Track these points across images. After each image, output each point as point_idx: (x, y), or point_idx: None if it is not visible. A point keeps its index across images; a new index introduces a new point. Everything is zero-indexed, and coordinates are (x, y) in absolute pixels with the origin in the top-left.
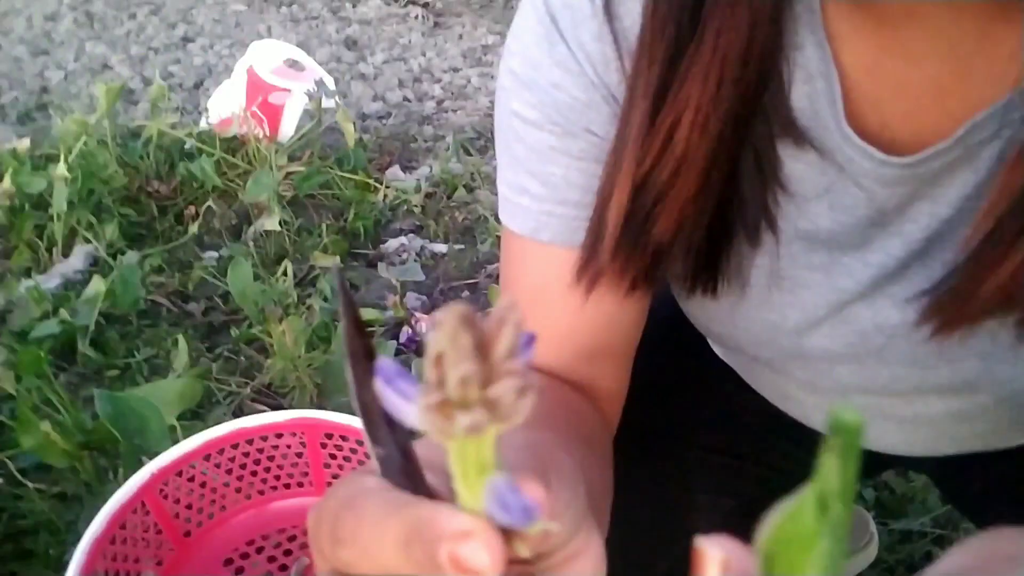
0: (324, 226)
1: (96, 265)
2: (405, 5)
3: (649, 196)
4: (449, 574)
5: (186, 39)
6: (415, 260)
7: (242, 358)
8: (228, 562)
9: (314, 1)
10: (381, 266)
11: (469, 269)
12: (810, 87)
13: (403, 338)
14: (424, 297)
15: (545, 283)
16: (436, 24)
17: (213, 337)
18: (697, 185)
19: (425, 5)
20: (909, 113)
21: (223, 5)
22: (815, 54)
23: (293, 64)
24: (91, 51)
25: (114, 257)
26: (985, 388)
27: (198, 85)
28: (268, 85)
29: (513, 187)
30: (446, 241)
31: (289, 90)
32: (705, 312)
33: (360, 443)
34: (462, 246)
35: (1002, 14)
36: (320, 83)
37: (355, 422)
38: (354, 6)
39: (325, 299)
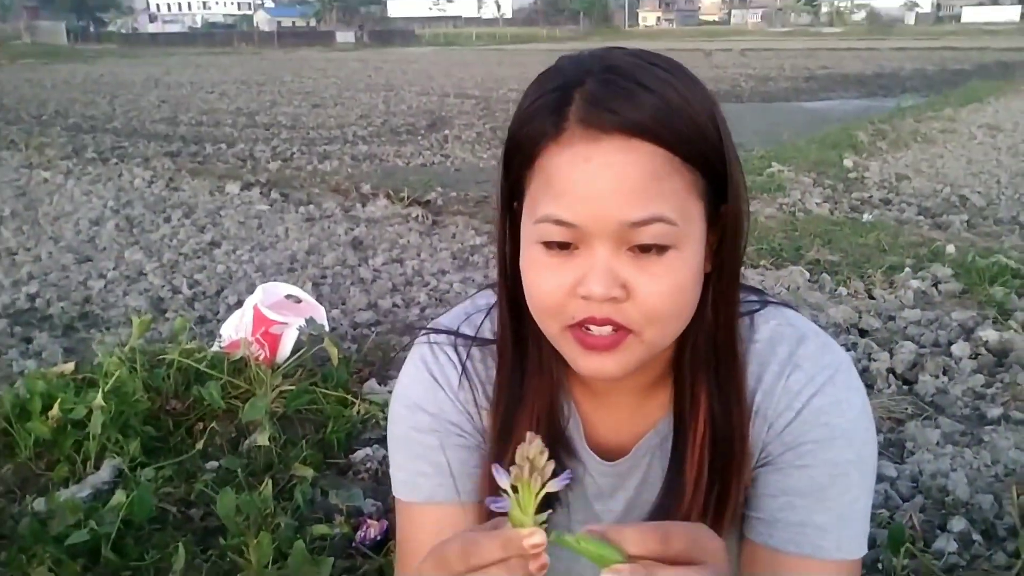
0: (304, 439)
1: (121, 476)
2: (408, 204)
3: None
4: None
5: (213, 243)
6: (378, 467)
7: (227, 561)
8: None
9: (329, 201)
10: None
11: None
12: (573, 423)
13: (358, 539)
14: (379, 503)
15: (438, 526)
16: (434, 223)
17: (208, 540)
18: None
19: (426, 204)
20: (612, 437)
21: (248, 206)
22: (568, 409)
23: (291, 298)
24: (129, 258)
25: (134, 470)
26: None
27: (219, 291)
28: (269, 320)
29: (411, 472)
30: None
31: (287, 323)
32: None
33: None
34: None
35: (655, 386)
36: (311, 320)
37: None
38: (363, 206)
39: (298, 508)
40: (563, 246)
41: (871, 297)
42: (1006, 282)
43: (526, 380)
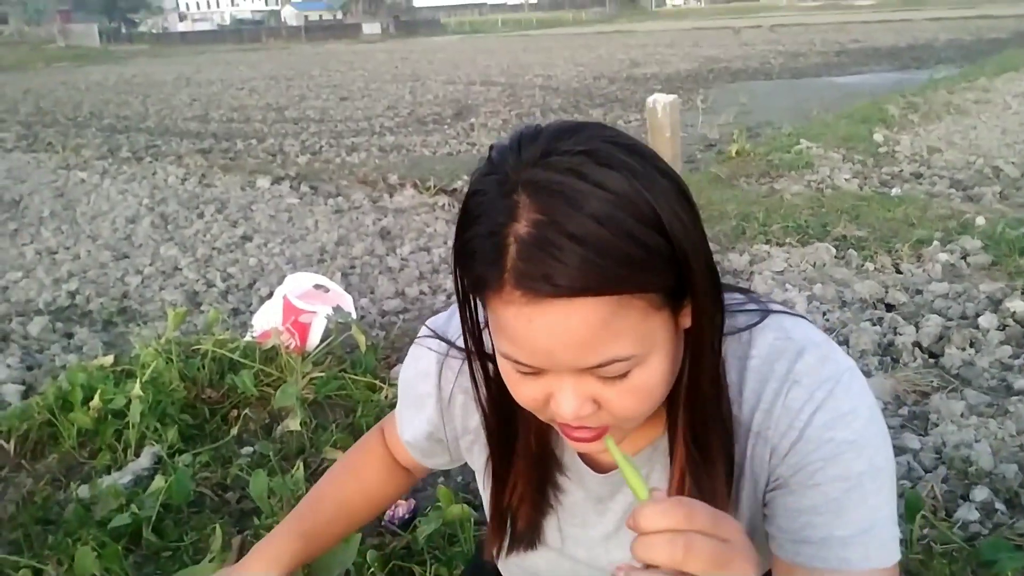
0: (334, 424)
1: (160, 463)
2: (435, 194)
3: (507, 506)
4: None
5: (245, 237)
6: None
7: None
8: None
9: (357, 192)
10: None
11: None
12: (563, 443)
13: (387, 517)
14: None
15: (400, 447)
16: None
17: (243, 521)
18: (530, 506)
19: (452, 192)
20: (604, 456)
21: (279, 199)
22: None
23: (320, 287)
24: (164, 253)
25: (173, 456)
26: None
27: (252, 284)
28: (298, 309)
29: (404, 411)
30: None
31: (315, 312)
32: (522, 561)
33: None
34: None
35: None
36: (338, 308)
37: None
38: (391, 196)
39: None
40: (529, 372)
41: (898, 271)
42: None
43: (517, 415)
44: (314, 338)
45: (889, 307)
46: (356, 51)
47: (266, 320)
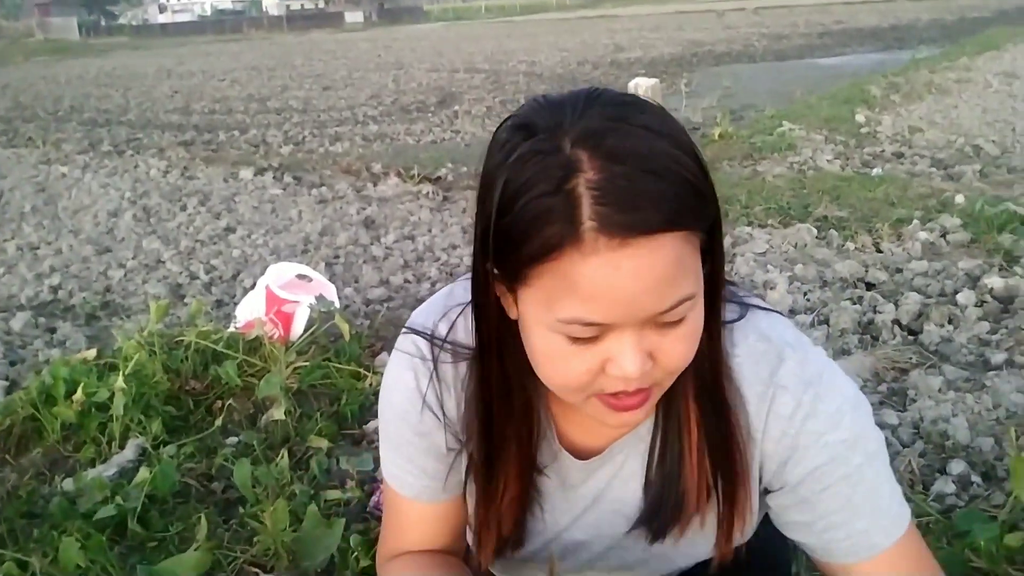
0: (319, 412)
1: (144, 455)
2: (419, 182)
3: (496, 511)
4: None
5: (228, 229)
6: None
7: (247, 529)
8: None
9: (341, 182)
10: (369, 456)
11: None
12: (546, 428)
13: (372, 504)
14: None
15: (421, 519)
16: (445, 199)
17: (229, 510)
18: (518, 506)
19: (436, 180)
20: (587, 438)
21: (262, 190)
22: (542, 415)
23: (303, 277)
24: (147, 247)
25: (157, 448)
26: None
27: (235, 275)
28: (281, 299)
29: (398, 469)
30: None
31: (298, 301)
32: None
33: None
34: None
35: None
36: (321, 297)
37: None
38: (375, 185)
39: (314, 478)
40: (589, 336)
41: (878, 251)
42: (1014, 229)
43: (505, 406)
44: (298, 327)
45: (869, 286)
46: (339, 40)
47: (249, 311)
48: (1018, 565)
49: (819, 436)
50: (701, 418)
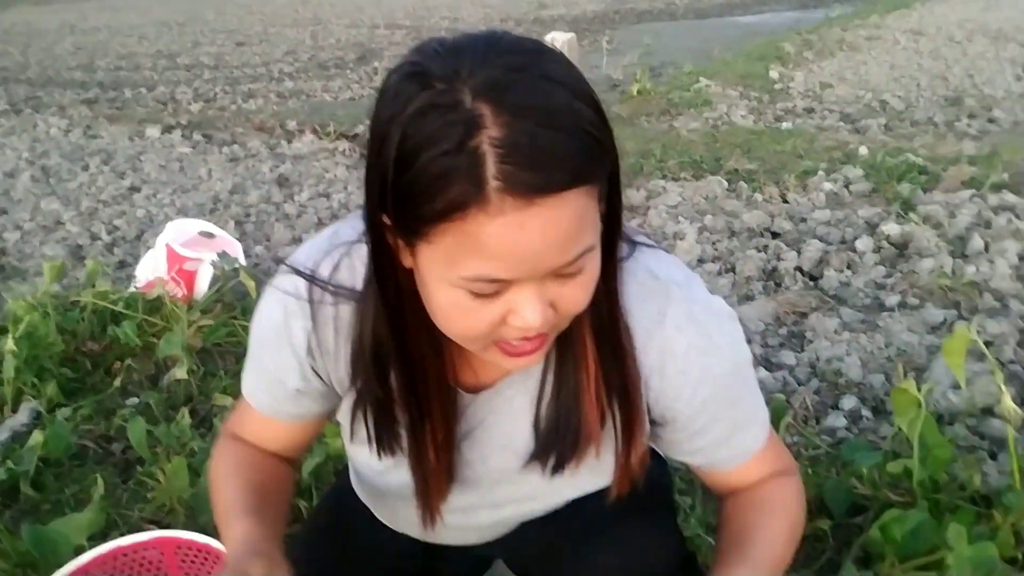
0: (224, 371)
1: (39, 418)
2: (335, 139)
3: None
4: None
5: (133, 188)
6: None
7: (146, 488)
8: None
9: (254, 140)
10: None
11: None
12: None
13: None
14: None
15: (264, 427)
16: (362, 155)
17: (128, 471)
18: (446, 447)
19: (353, 138)
20: (479, 374)
21: (170, 149)
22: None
23: (206, 235)
24: (46, 208)
25: (53, 411)
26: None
27: (139, 236)
28: (182, 256)
29: (256, 383)
30: None
31: (201, 259)
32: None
33: (200, 552)
34: None
35: None
36: (223, 254)
37: (197, 538)
38: (289, 143)
39: (213, 436)
40: (492, 292)
41: (785, 201)
42: (913, 179)
43: (417, 351)
44: (201, 286)
45: (775, 235)
46: None
47: (150, 270)
48: (899, 490)
49: (709, 370)
50: (597, 354)
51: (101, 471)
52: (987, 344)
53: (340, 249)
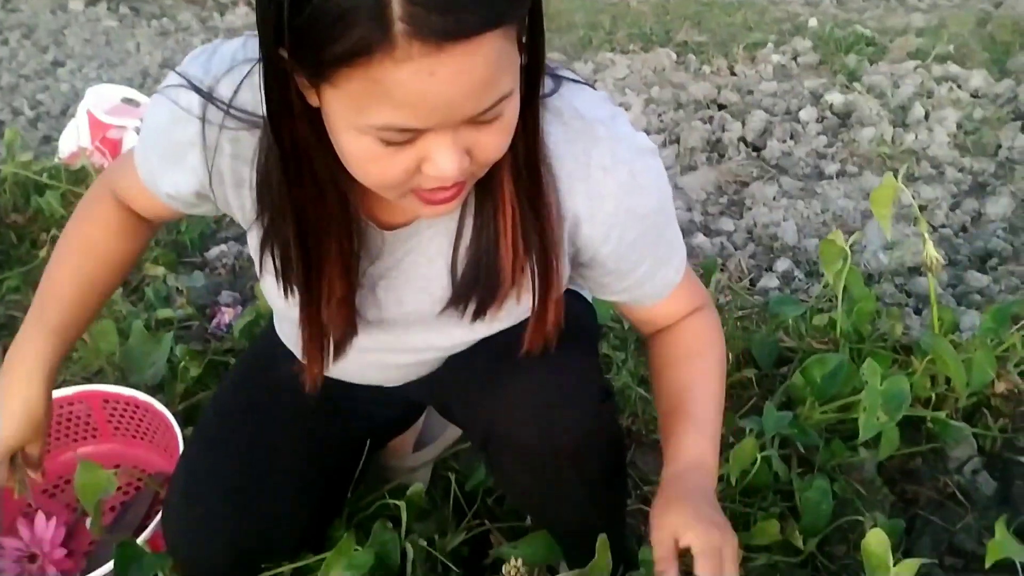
0: (156, 241)
1: None
2: None
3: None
4: None
5: (56, 63)
6: (233, 262)
7: (75, 353)
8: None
9: (184, 12)
10: (200, 273)
11: None
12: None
13: (212, 326)
14: (236, 294)
15: (140, 194)
16: None
17: None
18: (345, 304)
19: None
20: (390, 218)
21: (95, 22)
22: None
23: (129, 102)
24: None
25: None
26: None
27: (64, 111)
28: (105, 124)
29: (144, 164)
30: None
31: (125, 127)
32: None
33: (128, 405)
34: None
35: None
36: None
37: (123, 391)
38: (222, 15)
39: (150, 304)
40: (404, 140)
41: (733, 73)
42: (860, 50)
43: (319, 203)
44: None
45: (721, 107)
46: None
47: (73, 140)
48: (823, 341)
49: (636, 211)
50: (516, 198)
51: None
52: (921, 208)
53: (243, 67)
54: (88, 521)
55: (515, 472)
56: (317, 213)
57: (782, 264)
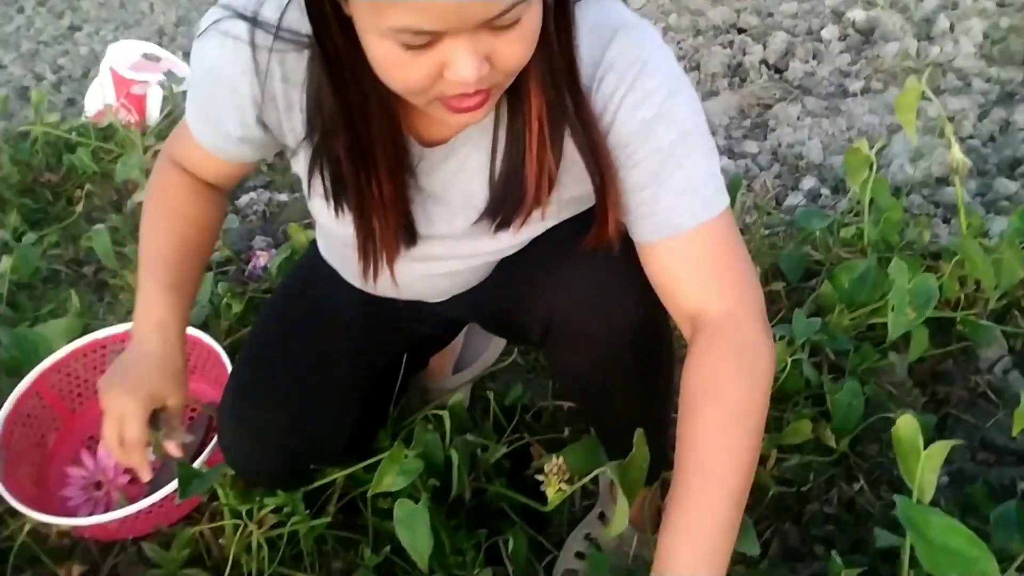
0: None
1: (5, 247)
2: None
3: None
4: None
5: (73, 27)
6: (264, 208)
7: (120, 300)
8: None
9: None
10: (233, 218)
11: (305, 212)
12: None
13: (249, 270)
14: (268, 238)
15: (202, 159)
16: None
17: (101, 289)
18: (395, 208)
19: None
20: (429, 135)
21: None
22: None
23: (150, 57)
24: None
25: (19, 239)
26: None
27: (86, 74)
28: (128, 80)
29: (200, 116)
30: (291, 192)
31: (148, 82)
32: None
33: None
34: (299, 194)
35: None
36: (169, 73)
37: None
38: None
39: None
40: (423, 44)
41: None
42: None
43: (363, 106)
44: (152, 110)
45: (740, 31)
46: None
47: (98, 99)
48: (851, 251)
49: (635, 110)
50: (547, 111)
51: (75, 291)
52: (948, 120)
53: None
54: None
55: (574, 360)
56: (366, 123)
57: (808, 182)
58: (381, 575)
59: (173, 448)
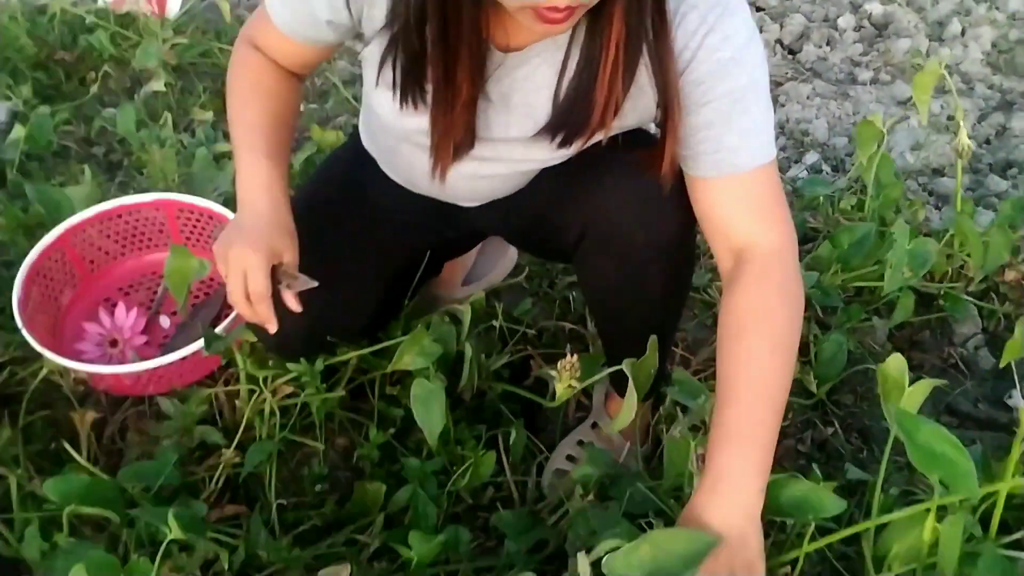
0: (202, 87)
1: (17, 118)
2: None
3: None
4: None
5: None
6: None
7: (134, 180)
8: (118, 290)
9: None
10: None
11: (323, 118)
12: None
13: None
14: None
15: (281, 43)
16: None
17: (113, 170)
18: (468, 109)
19: None
20: (504, 41)
21: None
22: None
23: None
24: None
25: (31, 112)
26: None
27: None
28: None
29: (282, 2)
30: (304, 102)
31: None
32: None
33: (201, 216)
34: (315, 105)
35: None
36: None
37: (198, 202)
38: None
39: (200, 143)
40: None
41: None
42: None
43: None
44: (172, 5)
45: (760, 8)
46: None
47: None
48: (848, 215)
49: (713, 50)
50: (625, 38)
51: (88, 166)
52: (948, 119)
53: None
54: (162, 318)
55: (605, 267)
56: (457, 18)
57: (811, 158)
58: (382, 456)
59: (293, 301)
